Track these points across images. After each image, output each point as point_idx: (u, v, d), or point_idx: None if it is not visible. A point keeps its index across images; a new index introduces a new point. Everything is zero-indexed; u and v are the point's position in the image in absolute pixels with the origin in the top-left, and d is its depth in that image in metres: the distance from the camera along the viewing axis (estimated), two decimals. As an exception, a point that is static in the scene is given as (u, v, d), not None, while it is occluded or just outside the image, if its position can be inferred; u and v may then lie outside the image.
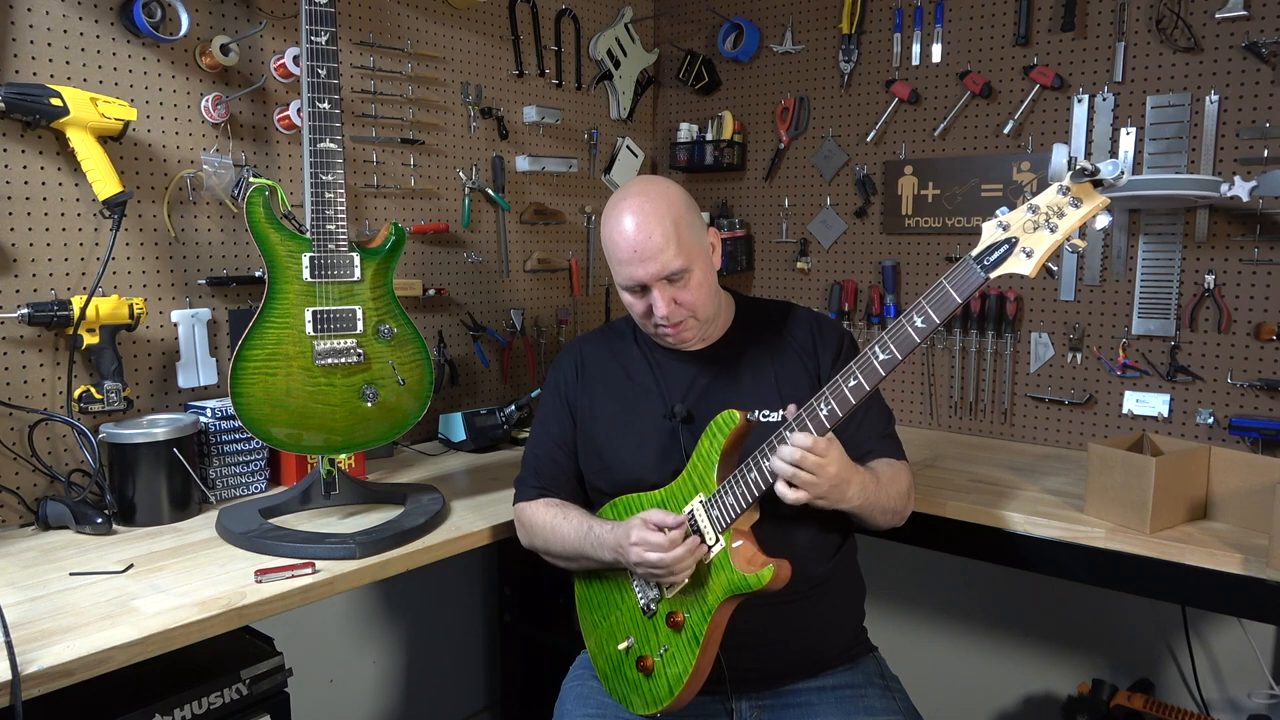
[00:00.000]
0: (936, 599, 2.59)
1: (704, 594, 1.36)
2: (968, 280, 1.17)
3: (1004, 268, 1.15)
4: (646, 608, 1.44)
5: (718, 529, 1.34)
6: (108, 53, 1.73)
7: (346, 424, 1.64)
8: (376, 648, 2.43)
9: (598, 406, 1.59)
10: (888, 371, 1.23)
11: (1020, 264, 1.14)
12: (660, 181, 1.51)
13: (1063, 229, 1.12)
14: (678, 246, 1.41)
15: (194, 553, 1.54)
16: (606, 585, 1.52)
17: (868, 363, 1.24)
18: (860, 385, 1.24)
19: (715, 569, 1.35)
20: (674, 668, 1.39)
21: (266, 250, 1.57)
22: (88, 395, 1.67)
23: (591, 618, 1.57)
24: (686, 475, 1.41)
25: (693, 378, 1.54)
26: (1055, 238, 1.13)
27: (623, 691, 1.49)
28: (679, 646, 1.39)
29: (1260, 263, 1.96)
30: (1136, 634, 2.28)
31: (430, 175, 2.31)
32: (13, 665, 1.11)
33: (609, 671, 1.52)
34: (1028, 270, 1.14)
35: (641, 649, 1.45)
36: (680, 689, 1.38)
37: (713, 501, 1.36)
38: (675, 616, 1.39)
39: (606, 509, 1.53)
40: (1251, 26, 1.94)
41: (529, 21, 2.52)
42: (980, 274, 1.16)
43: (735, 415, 1.35)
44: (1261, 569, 1.45)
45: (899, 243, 2.48)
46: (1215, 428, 2.02)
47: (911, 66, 2.41)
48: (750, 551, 1.34)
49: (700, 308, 1.47)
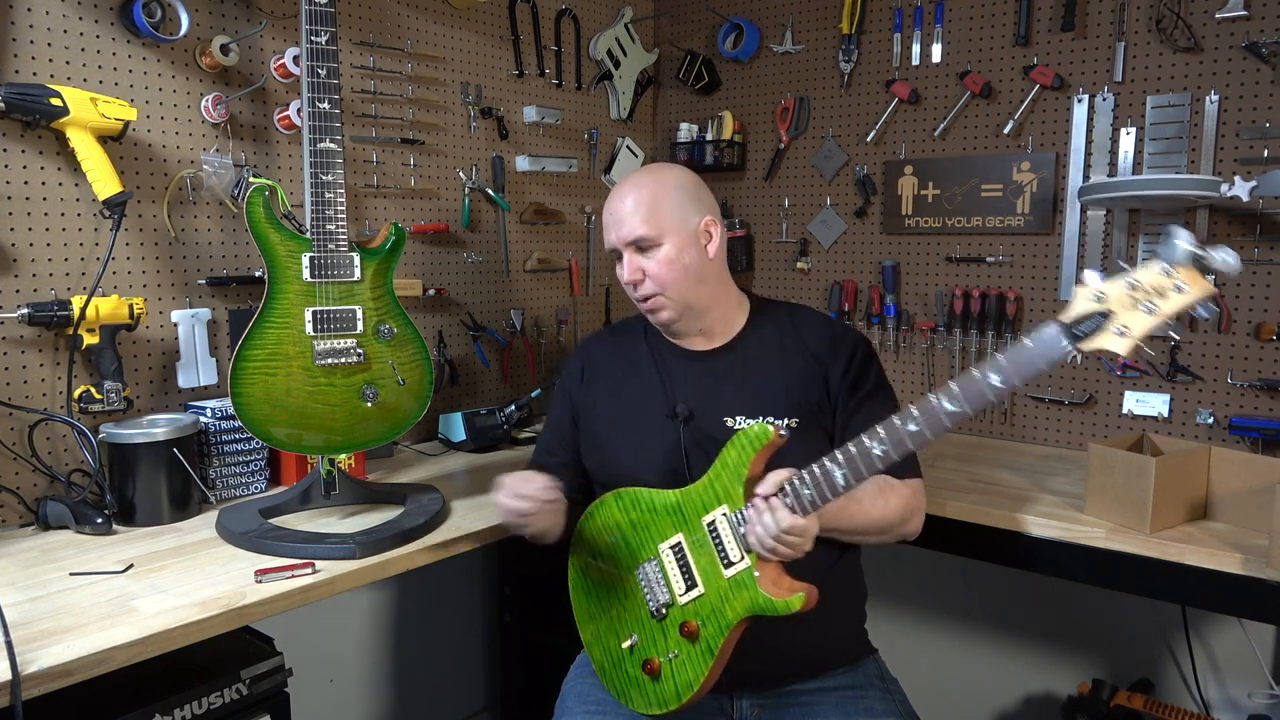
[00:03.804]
0: (937, 599, 2.58)
1: (723, 609, 1.35)
2: (1053, 351, 1.08)
3: (1097, 342, 1.06)
4: (657, 611, 1.42)
5: (744, 547, 1.34)
6: (108, 53, 1.73)
7: (346, 424, 1.64)
8: (376, 648, 2.43)
9: (600, 405, 1.61)
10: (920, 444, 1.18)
11: (1113, 342, 1.05)
12: (666, 166, 1.58)
13: (1161, 313, 1.04)
14: (646, 214, 1.47)
15: (194, 553, 1.53)
16: (607, 576, 1.51)
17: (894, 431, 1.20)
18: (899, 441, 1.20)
19: (737, 586, 1.34)
20: (684, 675, 1.38)
21: (266, 250, 1.57)
22: (88, 395, 1.67)
23: (589, 607, 1.55)
24: (709, 483, 1.39)
25: (698, 377, 1.54)
26: (1152, 321, 1.04)
27: (622, 686, 1.48)
28: (691, 656, 1.38)
29: (1260, 263, 1.95)
30: (1136, 634, 2.28)
31: (430, 175, 2.31)
32: (13, 665, 1.11)
33: (607, 665, 1.51)
34: (1122, 350, 1.05)
35: (648, 651, 1.44)
36: (690, 695, 1.37)
37: (740, 519, 1.34)
38: (689, 626, 1.38)
39: (610, 498, 1.52)
40: (1251, 26, 1.94)
41: (529, 21, 2.52)
42: (1067, 346, 1.07)
43: (769, 431, 1.32)
44: (1261, 569, 1.45)
45: (899, 243, 2.48)
46: (1215, 428, 2.02)
47: (911, 66, 2.41)
48: (775, 573, 1.32)
49: (669, 285, 1.49)
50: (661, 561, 1.43)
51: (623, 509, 1.49)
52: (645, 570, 1.45)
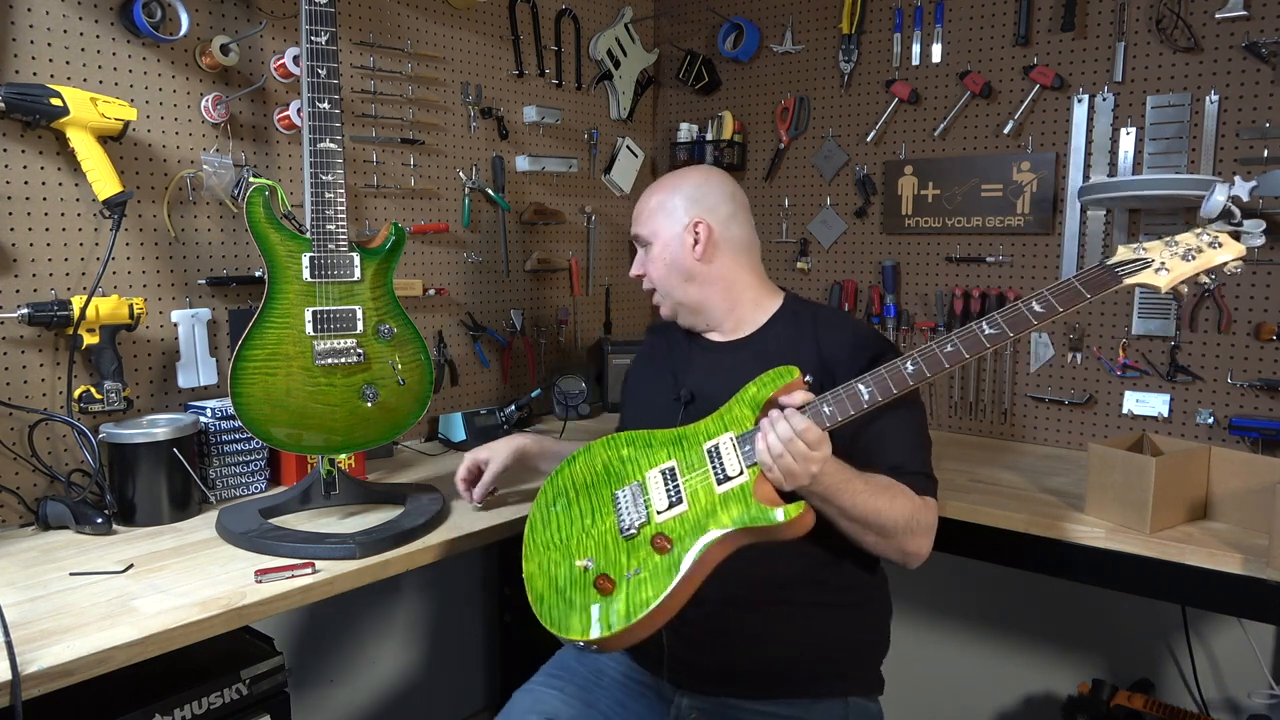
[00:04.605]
0: (936, 599, 2.58)
1: (706, 523, 1.27)
2: (1100, 281, 1.22)
3: (1139, 277, 1.21)
4: (628, 529, 1.32)
5: (746, 463, 1.30)
6: (108, 53, 1.73)
7: (346, 424, 1.64)
8: (376, 648, 2.43)
9: (631, 388, 1.74)
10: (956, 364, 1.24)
11: (1153, 278, 1.20)
12: (692, 169, 1.65)
13: (1199, 262, 1.19)
14: (645, 217, 1.59)
15: (194, 553, 1.53)
16: (580, 505, 1.43)
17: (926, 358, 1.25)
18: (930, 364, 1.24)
19: (730, 500, 1.28)
20: (641, 593, 1.24)
21: (266, 250, 1.57)
22: (88, 395, 1.67)
23: (543, 537, 1.44)
24: (719, 415, 1.37)
25: (709, 367, 1.56)
26: (1191, 266, 1.19)
27: (558, 615, 1.30)
28: (655, 571, 1.26)
29: (1260, 263, 1.95)
30: (1136, 634, 2.28)
31: (430, 175, 2.31)
32: (13, 665, 1.11)
33: (547, 593, 1.35)
34: (1162, 283, 1.20)
35: (605, 568, 1.31)
36: (640, 616, 1.22)
37: (747, 439, 1.31)
38: (662, 540, 1.29)
39: (599, 441, 1.49)
40: (1251, 26, 1.94)
41: (529, 21, 2.52)
42: (1114, 279, 1.21)
43: (794, 371, 1.32)
44: (1261, 569, 1.45)
45: (899, 243, 2.48)
46: (1215, 428, 2.02)
47: (911, 66, 2.41)
48: (772, 494, 1.28)
49: (659, 282, 1.58)
50: (645, 483, 1.37)
51: (614, 447, 1.46)
52: (623, 494, 1.39)
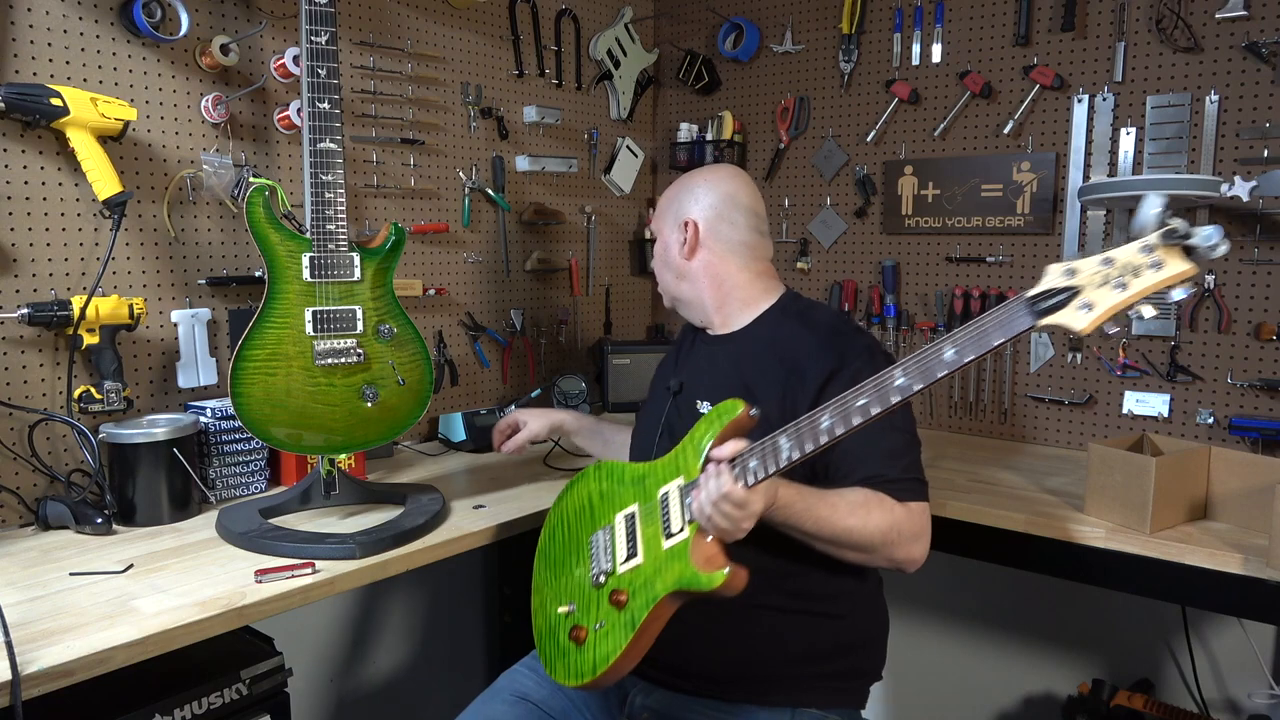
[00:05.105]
0: (936, 599, 2.58)
1: (654, 580, 1.28)
2: (1013, 323, 1.03)
3: (1055, 318, 1.01)
4: (596, 578, 1.37)
5: (686, 518, 1.28)
6: (108, 53, 1.73)
7: (346, 424, 1.64)
8: (376, 648, 2.43)
9: (655, 377, 1.77)
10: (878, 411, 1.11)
11: (1073, 318, 1.00)
12: (711, 169, 1.66)
13: (1132, 290, 0.97)
14: (655, 216, 1.66)
15: (194, 553, 1.53)
16: (569, 544, 1.47)
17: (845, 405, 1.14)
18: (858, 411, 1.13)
19: (672, 558, 1.27)
20: (605, 646, 1.31)
21: (266, 250, 1.57)
22: (88, 395, 1.67)
23: (545, 574, 1.51)
24: (674, 456, 1.35)
25: (700, 359, 1.61)
26: (1122, 297, 0.98)
27: (550, 654, 1.43)
28: (615, 626, 1.31)
29: (1260, 263, 1.95)
30: (1136, 634, 2.28)
31: (430, 175, 2.31)
32: (13, 665, 1.11)
33: (544, 632, 1.46)
34: (1080, 326, 0.99)
35: (580, 618, 1.38)
36: (605, 669, 1.30)
37: (690, 490, 1.28)
38: (619, 595, 1.31)
39: (590, 469, 1.51)
40: (1251, 26, 1.94)
41: (529, 21, 2.52)
42: (1028, 320, 1.02)
43: (738, 405, 1.26)
44: (1261, 569, 1.45)
45: (899, 243, 2.48)
46: (1215, 428, 2.02)
47: (911, 66, 2.41)
48: (712, 551, 1.25)
49: (657, 276, 1.66)
50: (614, 529, 1.39)
51: (598, 479, 1.48)
52: (598, 538, 1.41)
